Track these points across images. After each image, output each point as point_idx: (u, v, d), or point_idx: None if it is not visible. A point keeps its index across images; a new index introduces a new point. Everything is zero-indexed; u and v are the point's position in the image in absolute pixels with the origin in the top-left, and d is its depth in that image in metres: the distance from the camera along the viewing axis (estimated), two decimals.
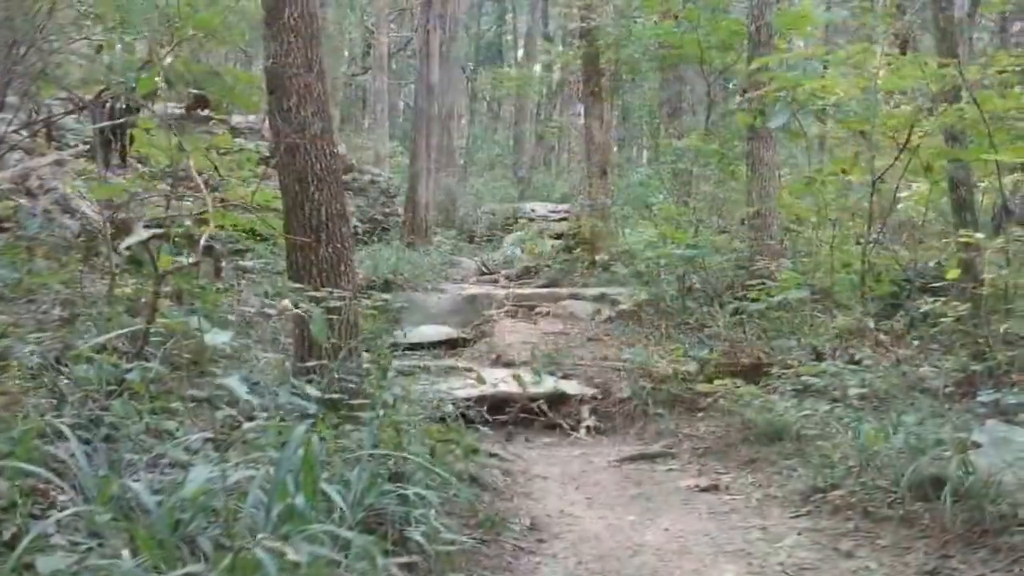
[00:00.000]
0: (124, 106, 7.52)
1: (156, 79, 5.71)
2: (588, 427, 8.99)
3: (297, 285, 5.78)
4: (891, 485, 5.41)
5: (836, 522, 5.40)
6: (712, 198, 13.54)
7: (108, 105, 7.32)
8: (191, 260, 5.37)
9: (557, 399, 9.29)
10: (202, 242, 5.12)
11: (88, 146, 9.64)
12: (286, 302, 4.70)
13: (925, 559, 4.70)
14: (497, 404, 8.76)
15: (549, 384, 9.36)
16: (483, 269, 16.76)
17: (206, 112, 9.41)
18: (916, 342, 7.74)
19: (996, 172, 7.84)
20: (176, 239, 6.90)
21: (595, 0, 15.74)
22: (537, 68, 30.71)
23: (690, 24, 14.24)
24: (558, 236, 17.69)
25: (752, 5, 12.03)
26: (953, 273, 6.92)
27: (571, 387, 9.53)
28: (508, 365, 10.23)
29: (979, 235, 6.91)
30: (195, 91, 7.68)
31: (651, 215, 13.46)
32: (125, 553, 3.01)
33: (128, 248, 5.21)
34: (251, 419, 5.01)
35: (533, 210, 21.99)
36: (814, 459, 6.24)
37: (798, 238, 12.59)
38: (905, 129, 8.26)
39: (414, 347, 11.19)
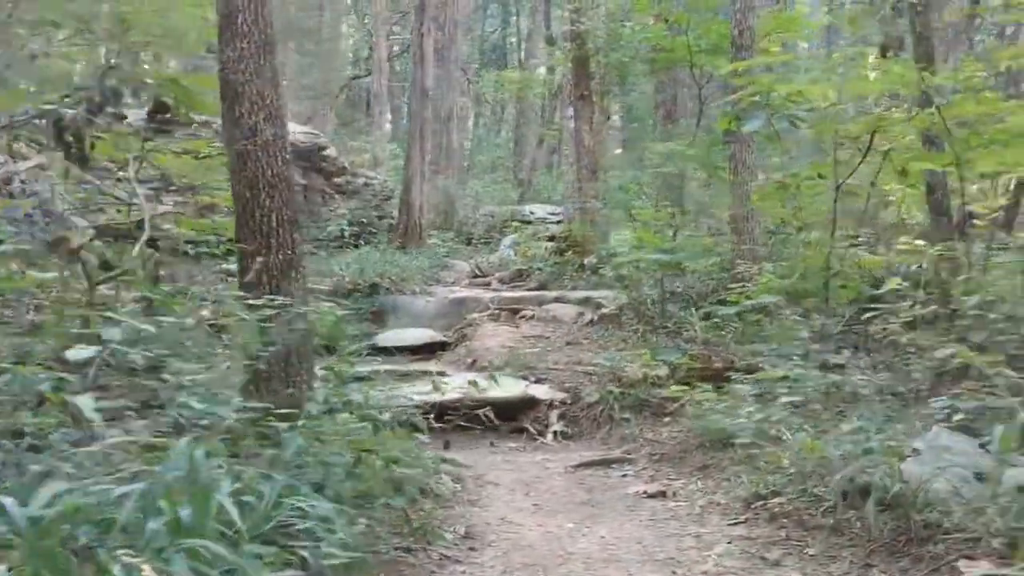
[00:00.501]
0: (88, 111, 7.58)
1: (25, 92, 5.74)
2: (556, 432, 8.95)
3: (239, 293, 5.80)
4: (828, 493, 5.38)
5: (771, 530, 5.36)
6: (698, 201, 13.52)
7: (66, 111, 7.35)
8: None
9: (527, 404, 9.27)
10: (137, 247, 5.16)
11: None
12: (204, 312, 4.71)
13: (849, 568, 4.67)
14: (454, 409, 8.79)
15: (519, 388, 9.35)
16: (476, 272, 16.72)
17: (168, 116, 9.46)
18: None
19: (959, 179, 7.80)
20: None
21: (584, 3, 15.73)
22: (541, 71, 30.69)
23: (680, 28, 14.24)
24: (552, 238, 17.65)
25: (735, 10, 12.00)
26: (893, 282, 6.86)
27: (541, 392, 9.48)
28: (483, 369, 10.21)
29: (920, 242, 6.86)
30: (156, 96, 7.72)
31: (633, 219, 13.45)
32: (1, 568, 3.02)
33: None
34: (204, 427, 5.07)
35: (532, 212, 22.01)
36: (761, 465, 6.21)
37: (786, 241, 12.54)
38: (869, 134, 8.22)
39: (392, 351, 11.21)
